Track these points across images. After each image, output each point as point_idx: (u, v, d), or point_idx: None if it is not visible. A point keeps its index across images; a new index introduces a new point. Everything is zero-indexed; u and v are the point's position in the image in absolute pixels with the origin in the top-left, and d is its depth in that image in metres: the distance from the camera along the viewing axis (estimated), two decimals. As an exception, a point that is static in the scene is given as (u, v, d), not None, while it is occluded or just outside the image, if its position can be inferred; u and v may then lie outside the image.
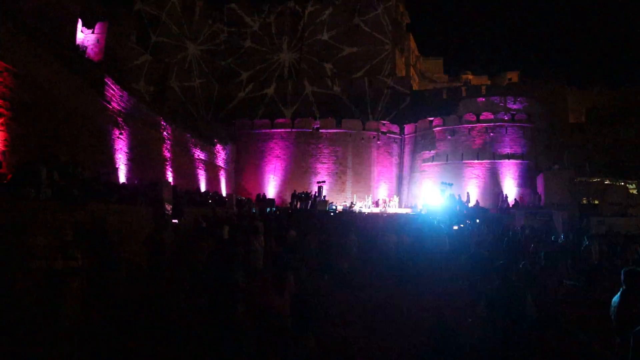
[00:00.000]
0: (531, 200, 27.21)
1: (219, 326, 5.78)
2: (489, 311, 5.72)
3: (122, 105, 18.94)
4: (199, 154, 28.84)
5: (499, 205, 27.76)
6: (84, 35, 30.64)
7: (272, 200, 30.15)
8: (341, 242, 12.95)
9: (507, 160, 30.21)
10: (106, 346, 6.36)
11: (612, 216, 21.45)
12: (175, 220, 14.00)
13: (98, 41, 30.99)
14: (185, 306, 8.55)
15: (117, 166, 18.07)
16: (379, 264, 13.36)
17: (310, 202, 28.36)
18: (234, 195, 26.63)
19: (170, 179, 22.11)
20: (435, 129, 33.20)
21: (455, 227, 18.03)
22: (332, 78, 42.66)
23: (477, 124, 31.44)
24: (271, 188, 34.65)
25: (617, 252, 13.77)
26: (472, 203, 27.79)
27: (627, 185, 25.91)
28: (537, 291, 6.49)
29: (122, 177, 18.13)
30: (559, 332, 7.08)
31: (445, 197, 27.41)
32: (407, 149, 35.95)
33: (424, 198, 30.95)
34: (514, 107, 32.46)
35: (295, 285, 6.36)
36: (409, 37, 51.67)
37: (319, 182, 31.44)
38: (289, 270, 6.39)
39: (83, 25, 30.46)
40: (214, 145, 31.89)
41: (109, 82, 17.96)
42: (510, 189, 29.35)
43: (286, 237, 13.10)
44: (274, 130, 35.86)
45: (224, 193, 30.32)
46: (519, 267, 8.60)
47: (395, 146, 36.41)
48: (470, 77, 55.76)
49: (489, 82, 50.45)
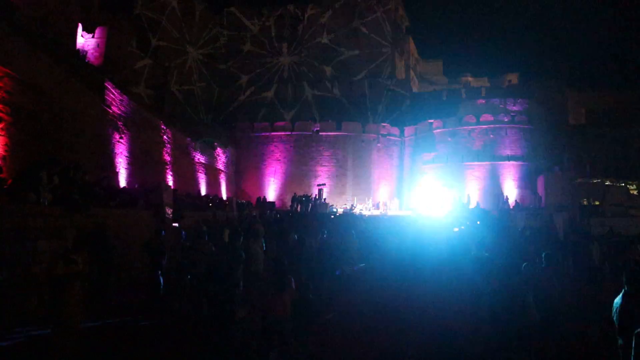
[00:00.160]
0: (532, 201, 27.19)
1: (219, 329, 5.79)
2: (491, 313, 5.72)
3: (123, 109, 18.98)
4: (199, 158, 28.87)
5: (500, 206, 27.74)
6: (84, 40, 30.73)
7: (272, 203, 30.14)
8: (342, 245, 12.92)
9: (507, 162, 30.21)
10: (108, 350, 6.36)
11: (613, 217, 21.42)
12: (175, 223, 14.01)
13: (98, 45, 31.08)
14: (186, 309, 8.55)
15: (117, 170, 18.09)
16: (380, 266, 13.36)
17: (311, 205, 28.34)
18: (234, 199, 26.63)
19: (170, 183, 22.11)
20: (435, 131, 33.21)
21: (455, 229, 18.00)
22: (331, 81, 42.72)
23: (477, 126, 31.45)
24: (271, 191, 34.64)
25: (618, 253, 13.74)
26: (472, 205, 27.77)
27: (628, 185, 25.91)
28: (538, 293, 6.48)
29: (122, 181, 18.14)
30: (561, 334, 7.06)
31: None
32: (407, 151, 35.95)
33: (424, 200, 30.92)
34: (514, 108, 32.48)
35: (296, 289, 6.35)
36: (409, 39, 51.71)
37: (320, 185, 31.44)
38: (289, 274, 6.39)
39: (83, 29, 30.56)
40: (214, 149, 31.91)
41: (109, 87, 18.00)
42: (511, 191, 29.34)
43: (287, 241, 13.07)
44: (274, 134, 35.88)
45: (224, 196, 30.33)
46: (519, 268, 8.58)
47: (396, 148, 36.42)
48: (470, 79, 55.79)
49: (488, 84, 50.44)
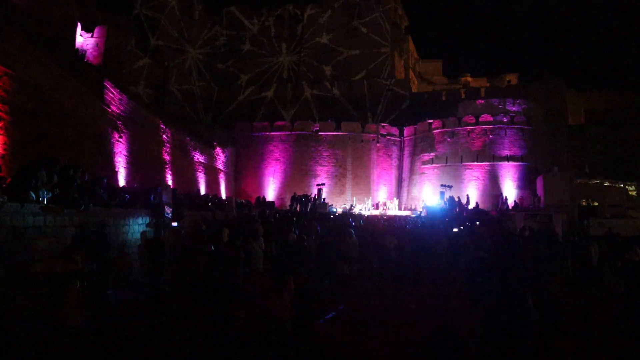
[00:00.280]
0: (531, 202, 27.20)
1: (219, 329, 5.79)
2: (490, 313, 5.72)
3: (122, 108, 18.97)
4: (199, 157, 28.87)
5: (499, 207, 27.77)
6: (84, 39, 30.72)
7: (271, 203, 30.14)
8: (341, 245, 12.92)
9: (506, 162, 30.22)
10: (107, 349, 6.36)
11: (612, 218, 21.44)
12: (175, 223, 14.00)
13: (97, 45, 31.08)
14: (185, 309, 8.55)
15: (116, 169, 18.09)
16: (379, 266, 13.38)
17: (310, 204, 28.34)
18: (234, 198, 26.61)
19: (170, 182, 22.11)
20: (434, 131, 33.23)
21: (455, 230, 18.01)
22: (331, 81, 42.72)
23: (477, 126, 31.47)
24: (271, 191, 34.62)
25: (617, 255, 13.74)
26: (471, 205, 27.80)
27: (627, 186, 25.95)
28: (537, 293, 6.49)
29: (121, 181, 18.14)
30: (560, 334, 7.08)
31: (445, 200, 27.46)
32: (407, 151, 35.97)
33: (423, 200, 30.98)
34: (513, 109, 32.49)
35: (295, 289, 6.35)
36: (408, 39, 51.78)
37: (319, 185, 31.44)
38: (288, 274, 6.39)
39: (82, 29, 30.55)
40: (214, 148, 31.91)
41: (108, 86, 18.00)
42: (510, 191, 29.36)
43: (286, 240, 13.07)
44: (273, 133, 35.87)
45: (224, 196, 30.32)
46: (519, 269, 8.60)
47: (395, 148, 36.44)
48: (469, 79, 55.87)
49: (488, 84, 50.50)
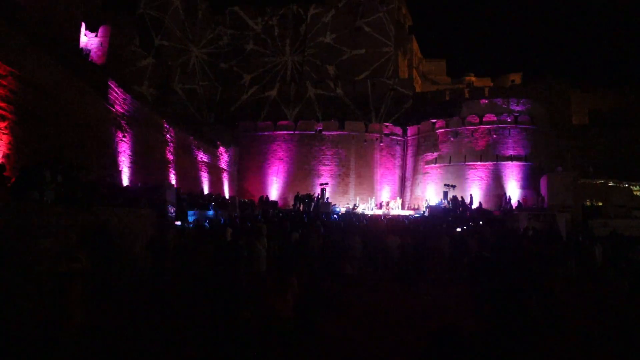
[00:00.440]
0: (534, 202, 27.11)
1: (222, 328, 5.79)
2: (493, 313, 5.71)
3: (126, 108, 19.02)
4: (202, 157, 28.91)
5: (502, 207, 27.69)
6: (88, 39, 30.83)
7: (275, 203, 30.17)
8: (344, 244, 12.91)
9: (510, 162, 30.12)
10: (110, 348, 6.38)
11: (616, 218, 21.34)
12: (178, 222, 14.03)
13: (101, 44, 31.19)
14: (188, 308, 8.56)
15: (120, 169, 18.14)
16: (383, 265, 13.37)
17: (313, 204, 28.34)
18: (237, 198, 26.65)
19: (173, 182, 22.16)
20: (438, 131, 33.17)
21: (458, 229, 17.98)
22: (334, 80, 42.70)
23: (480, 126, 31.39)
24: (274, 190, 34.64)
25: (621, 254, 13.68)
26: (475, 205, 27.73)
27: (631, 186, 25.80)
28: (541, 293, 6.47)
29: (125, 180, 18.19)
30: (564, 334, 7.05)
31: (449, 199, 27.41)
32: (410, 151, 35.92)
33: (427, 200, 30.93)
34: (517, 108, 32.39)
35: (299, 288, 6.35)
36: (412, 39, 51.71)
37: (322, 184, 31.43)
38: (292, 273, 6.38)
39: (86, 29, 30.66)
40: (217, 148, 31.95)
41: (112, 85, 18.05)
42: (514, 191, 29.27)
43: (289, 240, 13.08)
44: (276, 133, 35.88)
45: (227, 195, 30.36)
46: (522, 268, 8.58)
47: (398, 148, 36.39)
48: (473, 78, 55.71)
49: (491, 84, 50.39)
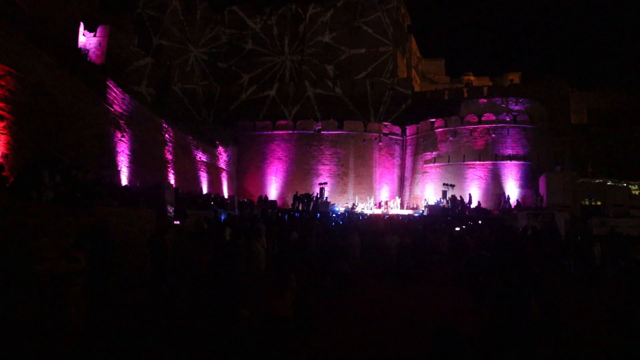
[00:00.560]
0: (533, 201, 27.15)
1: (221, 328, 5.79)
2: (492, 312, 5.71)
3: (124, 107, 19.00)
4: (201, 156, 28.90)
5: (501, 206, 27.73)
6: (86, 39, 30.80)
7: (274, 202, 30.17)
8: (343, 244, 12.92)
9: (509, 162, 30.15)
10: (110, 349, 6.37)
11: (615, 217, 21.39)
12: (177, 222, 14.01)
13: (100, 44, 31.16)
14: (188, 308, 8.56)
15: (119, 169, 18.11)
16: (381, 265, 13.37)
17: (312, 203, 28.35)
18: (236, 197, 26.65)
19: (172, 181, 22.14)
20: (437, 130, 33.18)
21: (457, 229, 18.00)
22: (333, 80, 42.70)
23: (479, 125, 31.41)
24: (273, 190, 34.65)
25: (620, 253, 13.70)
26: (474, 204, 27.76)
27: (630, 186, 25.85)
28: (540, 292, 6.47)
29: (124, 180, 18.16)
30: (563, 333, 7.06)
31: (448, 199, 27.43)
32: (409, 151, 35.93)
33: (426, 199, 30.95)
34: (516, 108, 32.40)
35: (298, 287, 6.35)
36: (411, 38, 51.72)
37: (321, 184, 31.44)
38: (291, 272, 6.39)
39: (85, 28, 30.63)
40: (216, 147, 31.93)
41: (110, 85, 18.02)
42: (512, 190, 29.30)
43: (288, 239, 13.08)
44: (275, 132, 35.87)
45: (226, 195, 30.35)
46: (521, 268, 8.58)
47: (397, 147, 36.40)
48: (472, 78, 55.78)
49: (490, 83, 50.44)
